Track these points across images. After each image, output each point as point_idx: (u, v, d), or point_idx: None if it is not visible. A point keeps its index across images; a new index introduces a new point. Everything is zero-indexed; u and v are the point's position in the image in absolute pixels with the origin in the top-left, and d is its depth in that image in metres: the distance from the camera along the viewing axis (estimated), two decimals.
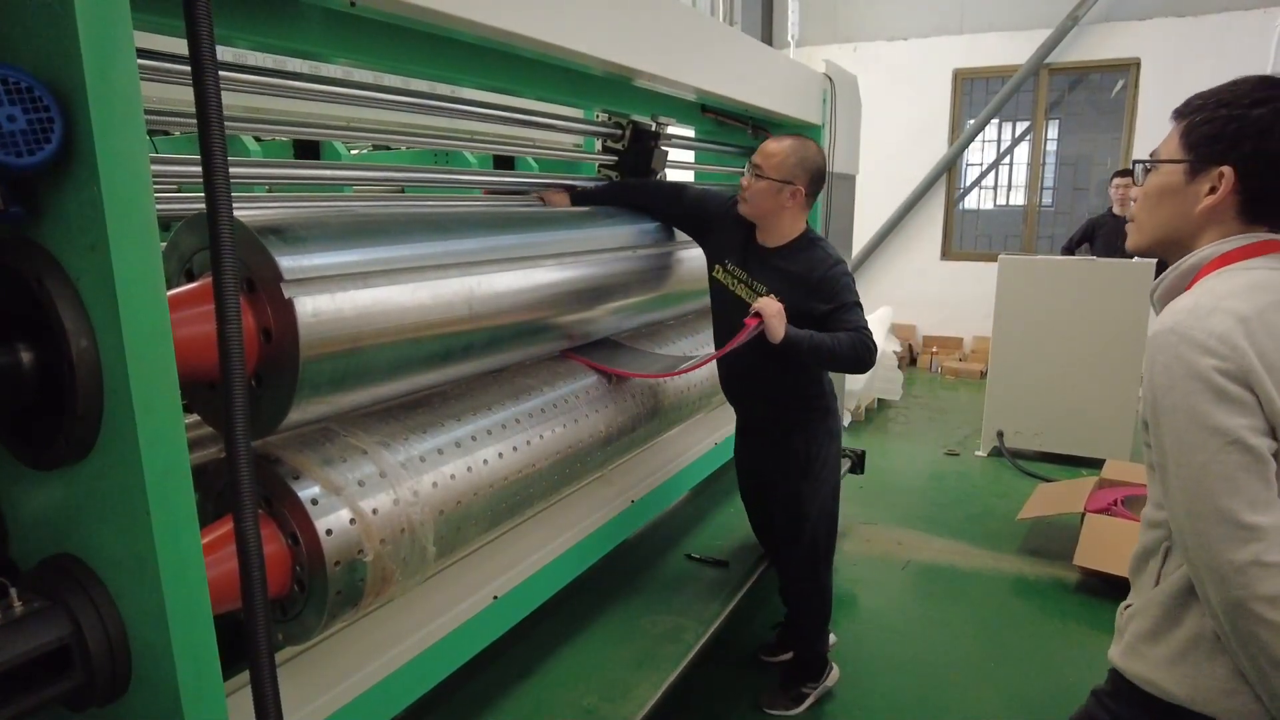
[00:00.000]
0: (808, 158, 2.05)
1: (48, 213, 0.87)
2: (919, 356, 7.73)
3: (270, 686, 0.92)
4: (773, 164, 2.04)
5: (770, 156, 2.05)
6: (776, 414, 2.25)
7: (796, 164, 2.03)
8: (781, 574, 2.43)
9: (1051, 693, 2.64)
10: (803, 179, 2.04)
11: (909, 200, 7.71)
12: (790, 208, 2.06)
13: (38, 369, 0.89)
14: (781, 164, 2.03)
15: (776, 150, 2.05)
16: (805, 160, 2.04)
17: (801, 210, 2.09)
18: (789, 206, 2.06)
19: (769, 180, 2.04)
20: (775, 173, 2.03)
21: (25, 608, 0.90)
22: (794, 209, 2.07)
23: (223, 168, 0.84)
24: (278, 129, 1.71)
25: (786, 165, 2.03)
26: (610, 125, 2.50)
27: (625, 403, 2.07)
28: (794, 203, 2.05)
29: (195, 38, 0.82)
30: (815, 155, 2.07)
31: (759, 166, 2.06)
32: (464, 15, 1.34)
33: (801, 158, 2.04)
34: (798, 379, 2.17)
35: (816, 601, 2.43)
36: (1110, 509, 3.51)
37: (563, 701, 1.85)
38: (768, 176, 2.04)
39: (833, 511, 2.42)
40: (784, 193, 2.03)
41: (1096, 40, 6.96)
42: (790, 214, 2.08)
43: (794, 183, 2.03)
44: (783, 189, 2.03)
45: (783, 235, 2.10)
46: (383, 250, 1.35)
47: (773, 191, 2.04)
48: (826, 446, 2.27)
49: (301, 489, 1.23)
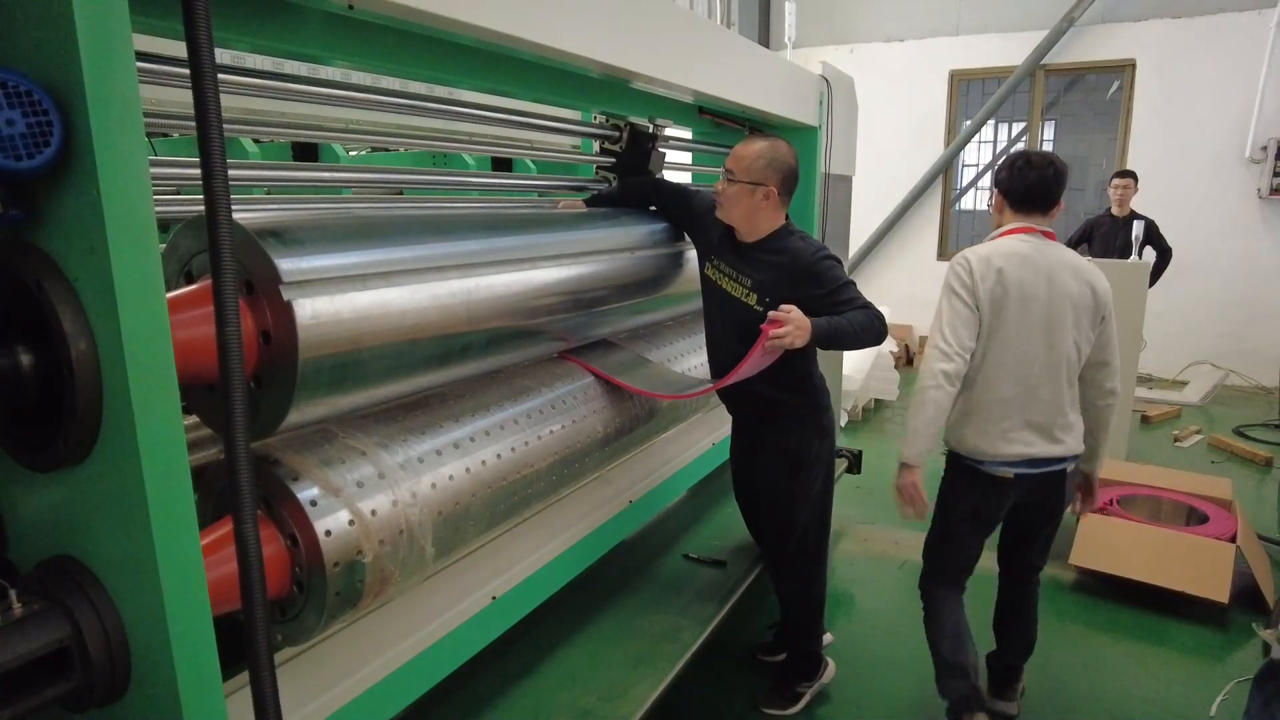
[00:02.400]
0: (778, 158, 2.06)
1: (47, 216, 0.87)
2: (915, 356, 7.75)
3: (269, 687, 0.92)
4: (743, 167, 2.06)
5: (740, 160, 2.07)
6: (767, 411, 2.25)
7: (766, 165, 2.04)
8: (773, 572, 2.43)
9: (1048, 692, 2.64)
10: (774, 179, 2.05)
11: (906, 201, 7.72)
12: (764, 208, 2.07)
13: (37, 372, 0.89)
14: (751, 167, 2.04)
15: (746, 154, 2.06)
16: (775, 161, 2.05)
17: (776, 209, 2.11)
18: (763, 207, 2.07)
19: (741, 184, 2.05)
20: (746, 175, 2.05)
21: (25, 609, 0.90)
22: (768, 209, 2.08)
23: (221, 170, 0.85)
24: (276, 131, 1.71)
25: (756, 168, 2.04)
26: (608, 127, 2.51)
27: (623, 404, 2.08)
28: (768, 203, 2.06)
29: (194, 41, 0.82)
30: (786, 155, 2.08)
31: (730, 171, 2.08)
32: (461, 18, 1.35)
33: (771, 159, 2.05)
34: (788, 375, 2.17)
35: (807, 600, 2.42)
36: (1106, 508, 3.52)
37: (561, 701, 1.86)
38: (739, 180, 2.06)
39: (824, 511, 2.40)
40: (757, 194, 2.05)
41: (1092, 41, 6.98)
42: (765, 213, 2.09)
43: (765, 184, 2.04)
44: (755, 190, 2.04)
45: (760, 232, 2.12)
46: (381, 252, 1.36)
47: (745, 194, 2.05)
48: (818, 444, 2.27)
49: (300, 490, 1.23)
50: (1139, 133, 6.86)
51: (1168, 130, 6.73)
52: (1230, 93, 6.50)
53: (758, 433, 2.31)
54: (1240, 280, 6.63)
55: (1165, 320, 6.31)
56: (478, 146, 2.33)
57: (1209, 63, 6.55)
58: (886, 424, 5.80)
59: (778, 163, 2.06)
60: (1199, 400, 6.11)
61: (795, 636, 2.51)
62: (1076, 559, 3.31)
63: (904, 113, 7.62)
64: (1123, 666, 2.79)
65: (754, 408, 2.28)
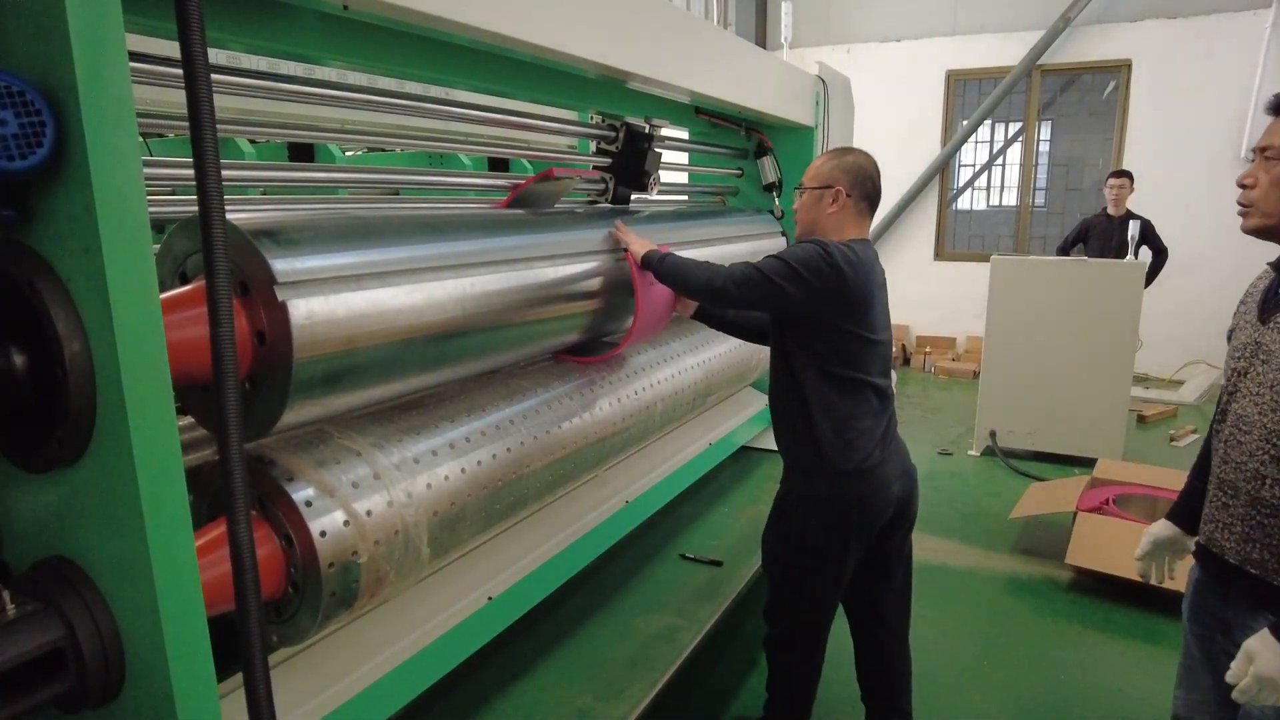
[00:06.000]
0: (846, 160, 1.99)
1: (40, 217, 0.87)
2: (912, 356, 7.76)
3: (264, 688, 0.92)
4: (810, 175, 2.01)
5: (809, 170, 2.03)
6: (782, 451, 2.09)
7: (834, 168, 1.98)
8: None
9: (1044, 691, 2.65)
10: (844, 180, 1.96)
11: (902, 201, 7.74)
12: (835, 212, 1.96)
13: (30, 373, 0.89)
14: (818, 173, 2.00)
15: (815, 164, 2.03)
16: (843, 163, 1.98)
17: (850, 214, 1.97)
18: (833, 211, 1.97)
19: (809, 190, 2.00)
20: (814, 182, 2.00)
21: (18, 611, 0.90)
22: (839, 213, 1.96)
23: (215, 170, 0.85)
24: (272, 131, 1.71)
25: (823, 172, 1.99)
26: (604, 127, 2.50)
27: (620, 403, 2.08)
28: (837, 206, 1.96)
29: (187, 41, 0.82)
30: (857, 158, 2.00)
31: (802, 184, 2.03)
32: (457, 18, 1.35)
33: (839, 162, 1.99)
34: (791, 421, 1.99)
35: (773, 685, 2.18)
36: (1102, 508, 3.53)
37: (557, 702, 1.86)
38: (808, 187, 2.01)
39: (794, 592, 2.07)
40: (825, 198, 1.97)
41: (1088, 42, 7.00)
42: (836, 220, 1.97)
43: (834, 185, 1.96)
44: (823, 194, 1.97)
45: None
46: (377, 252, 1.35)
47: (814, 200, 1.99)
48: (800, 515, 1.98)
49: (295, 491, 1.23)
50: (1135, 132, 6.88)
51: (1164, 130, 6.75)
52: (1226, 93, 6.52)
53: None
54: (1236, 280, 6.64)
55: (1161, 320, 6.32)
56: (474, 147, 2.34)
57: (1205, 63, 6.57)
58: None
59: (846, 164, 1.97)
60: (1195, 400, 6.12)
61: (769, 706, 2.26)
62: (1072, 558, 3.32)
63: (900, 113, 7.64)
64: (1118, 666, 2.80)
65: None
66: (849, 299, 1.86)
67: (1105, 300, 4.68)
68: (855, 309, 1.89)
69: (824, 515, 1.95)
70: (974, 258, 7.43)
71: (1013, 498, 4.02)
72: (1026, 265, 5.09)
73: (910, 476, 2.09)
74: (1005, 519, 3.93)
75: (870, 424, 1.95)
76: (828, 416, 1.92)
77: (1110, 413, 4.71)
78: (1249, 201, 1.46)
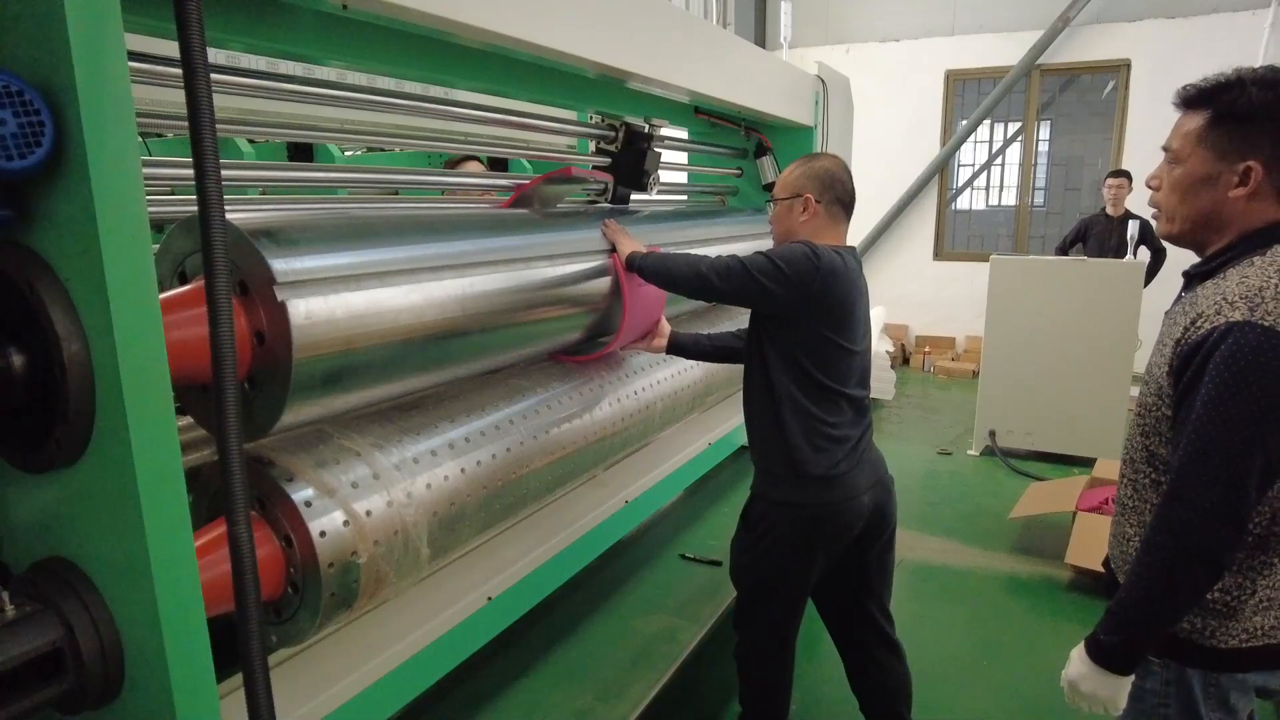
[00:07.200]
0: (813, 167, 1.99)
1: (39, 217, 0.86)
2: (911, 356, 7.76)
3: (264, 689, 0.92)
4: (780, 185, 2.02)
5: (779, 181, 2.04)
6: (754, 456, 2.06)
7: (800, 175, 1.99)
8: None
9: (1043, 690, 2.65)
10: (812, 187, 1.96)
11: (901, 201, 7.74)
12: (808, 220, 1.96)
13: (29, 373, 0.89)
14: (786, 183, 2.01)
15: (784, 174, 2.03)
16: (810, 170, 1.99)
17: (823, 220, 1.96)
18: (805, 219, 1.97)
19: (780, 201, 2.01)
20: (783, 192, 2.01)
21: (17, 611, 0.89)
22: (811, 220, 1.96)
23: (214, 170, 0.84)
24: (271, 131, 1.71)
25: (790, 181, 2.00)
26: (603, 127, 2.50)
27: (620, 403, 2.08)
28: (809, 214, 1.96)
29: (186, 40, 0.82)
30: (823, 163, 2.01)
31: (773, 195, 2.04)
32: (457, 18, 1.35)
33: (805, 169, 1.99)
34: (763, 426, 1.96)
35: (746, 699, 2.10)
36: (1101, 507, 3.53)
37: (557, 702, 1.86)
38: (779, 198, 2.02)
39: (759, 599, 2.02)
40: (795, 207, 1.98)
41: (1087, 41, 7.00)
42: (809, 228, 1.96)
43: (803, 194, 1.97)
44: (794, 204, 1.98)
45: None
46: (376, 252, 1.35)
47: (786, 210, 2.00)
48: (768, 521, 1.93)
49: (295, 491, 1.23)
50: (1134, 132, 6.88)
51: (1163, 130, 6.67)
52: None
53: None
54: None
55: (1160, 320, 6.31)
56: (474, 147, 2.33)
57: (1204, 63, 6.49)
58: (884, 423, 5.81)
59: (812, 170, 1.97)
60: None
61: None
62: (1072, 558, 3.32)
63: (899, 113, 7.64)
64: None
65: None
66: (830, 302, 1.85)
67: (1104, 300, 4.68)
68: (835, 314, 1.87)
69: (791, 521, 1.92)
70: (973, 257, 7.43)
71: (1012, 497, 4.03)
72: (1026, 265, 5.09)
73: (885, 488, 2.06)
74: (1005, 519, 3.93)
75: (843, 433, 1.93)
76: (800, 423, 1.89)
77: (1110, 412, 4.71)
78: (1156, 205, 1.41)
